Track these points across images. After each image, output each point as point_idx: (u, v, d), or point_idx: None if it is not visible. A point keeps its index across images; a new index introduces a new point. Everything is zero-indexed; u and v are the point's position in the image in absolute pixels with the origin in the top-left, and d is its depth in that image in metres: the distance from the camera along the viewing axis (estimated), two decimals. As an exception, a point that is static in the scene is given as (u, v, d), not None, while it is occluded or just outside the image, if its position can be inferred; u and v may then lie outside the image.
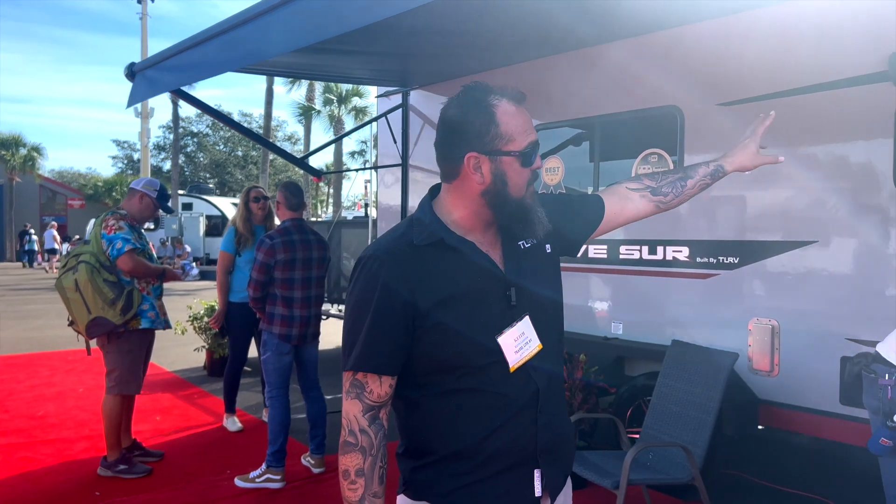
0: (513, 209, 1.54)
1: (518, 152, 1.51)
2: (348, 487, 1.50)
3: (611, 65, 4.87)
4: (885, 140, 3.62)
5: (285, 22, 3.67)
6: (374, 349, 1.50)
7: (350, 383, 1.51)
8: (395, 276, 1.48)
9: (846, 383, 3.06)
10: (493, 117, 1.49)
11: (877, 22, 3.63)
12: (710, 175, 1.98)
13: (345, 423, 1.52)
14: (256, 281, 4.30)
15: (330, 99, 29.06)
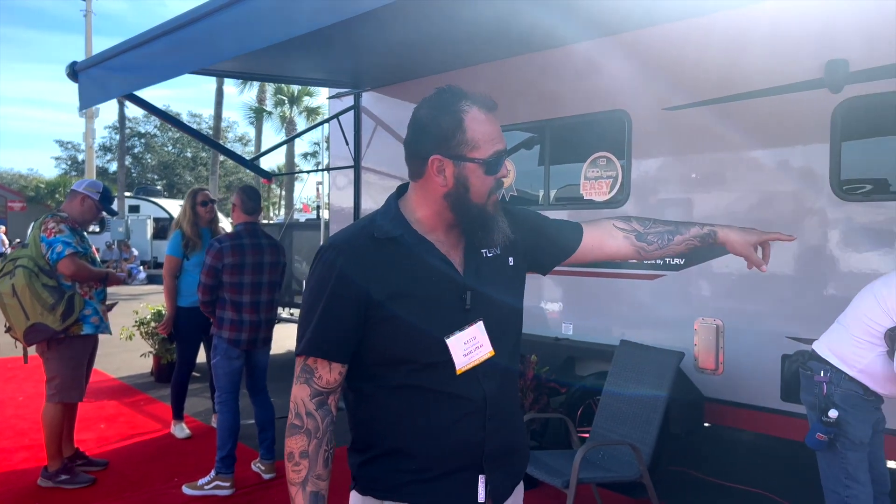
0: (473, 214, 1.57)
1: (482, 160, 1.53)
2: (292, 469, 1.51)
3: (561, 69, 4.93)
4: (822, 145, 3.75)
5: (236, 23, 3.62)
6: (325, 335, 1.53)
7: (300, 368, 1.54)
8: (351, 265, 1.52)
9: (786, 380, 3.16)
10: (461, 123, 1.52)
11: (814, 31, 3.77)
12: (701, 238, 1.89)
13: (292, 406, 1.53)
14: (205, 284, 4.25)
15: (281, 100, 28.72)
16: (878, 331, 2.81)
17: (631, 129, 4.56)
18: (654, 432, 3.58)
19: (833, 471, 2.88)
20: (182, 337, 5.36)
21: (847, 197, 3.70)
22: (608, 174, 4.72)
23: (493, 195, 1.58)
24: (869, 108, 3.61)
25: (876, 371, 2.82)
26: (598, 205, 4.76)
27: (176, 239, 5.24)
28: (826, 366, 2.92)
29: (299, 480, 1.50)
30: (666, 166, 4.45)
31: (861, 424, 2.84)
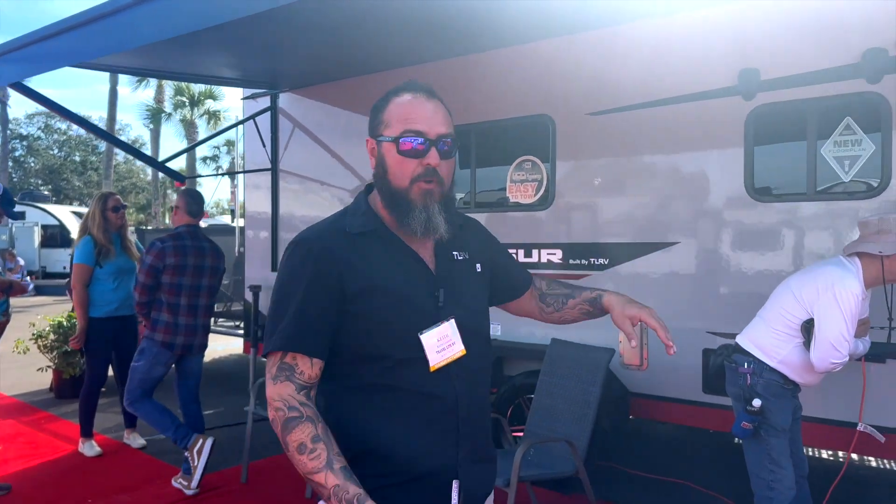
0: (392, 197, 1.54)
1: (391, 138, 1.52)
2: (309, 459, 1.39)
3: (487, 73, 4.99)
4: (737, 149, 3.97)
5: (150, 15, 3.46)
6: (305, 330, 1.48)
7: (277, 366, 1.47)
8: (325, 258, 1.50)
9: (711, 373, 3.32)
10: (386, 105, 1.57)
11: (729, 41, 3.98)
12: (590, 302, 1.86)
13: (278, 404, 1.45)
14: (143, 285, 4.17)
15: (182, 101, 27.63)
16: (795, 323, 2.99)
17: (555, 133, 4.67)
18: (589, 428, 3.67)
19: (758, 457, 3.04)
20: (93, 349, 5.06)
21: (760, 198, 3.93)
22: (533, 177, 4.81)
23: (417, 182, 1.52)
24: (779, 114, 3.86)
25: (794, 361, 3.00)
26: (523, 207, 4.85)
27: (86, 246, 4.93)
28: (749, 358, 3.08)
29: (323, 464, 1.39)
30: (590, 170, 4.58)
31: (782, 412, 3.01)
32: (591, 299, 1.86)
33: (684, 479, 4.56)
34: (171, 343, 4.20)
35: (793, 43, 3.77)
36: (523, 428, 4.37)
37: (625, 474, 4.69)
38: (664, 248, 4.25)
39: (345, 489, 1.36)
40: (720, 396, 3.99)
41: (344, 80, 5.93)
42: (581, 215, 4.60)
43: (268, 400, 1.48)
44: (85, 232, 4.98)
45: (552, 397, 3.96)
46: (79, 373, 6.76)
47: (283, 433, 1.43)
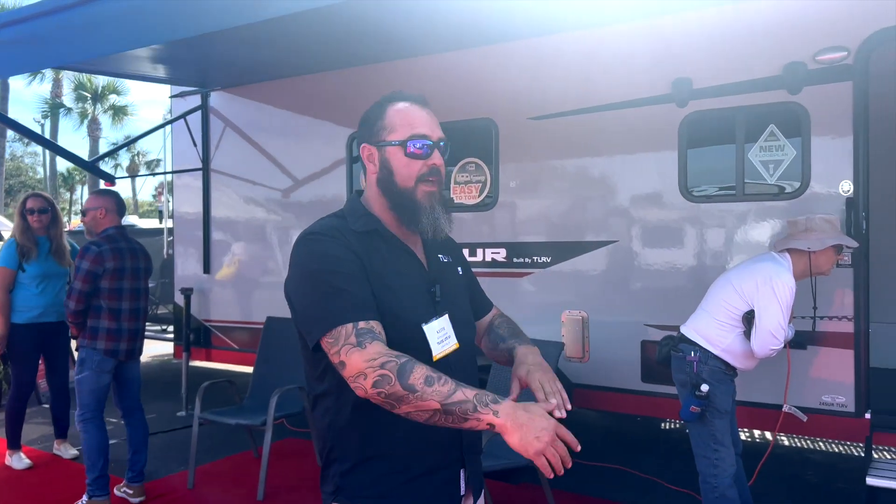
0: (399, 198, 1.63)
1: (398, 142, 1.63)
2: (441, 385, 1.38)
3: (430, 76, 5.10)
4: (671, 154, 4.25)
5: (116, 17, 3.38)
6: (362, 298, 1.50)
7: (355, 335, 1.44)
8: (349, 247, 1.57)
9: (657, 362, 3.55)
10: (383, 112, 1.67)
11: (663, 50, 4.26)
12: (509, 351, 1.86)
13: (384, 359, 1.41)
14: (80, 292, 3.93)
15: (83, 96, 26.20)
16: (736, 314, 3.26)
17: (498, 136, 4.83)
18: (542, 418, 3.83)
19: (703, 438, 3.29)
20: (18, 357, 4.84)
21: (693, 199, 4.22)
22: (477, 179, 4.96)
23: (423, 182, 1.63)
24: (710, 120, 4.16)
25: (736, 349, 3.27)
26: (468, 208, 4.99)
27: (9, 248, 4.73)
28: (695, 347, 3.33)
29: (453, 384, 1.40)
30: (532, 172, 4.77)
31: (724, 395, 3.27)
32: (510, 348, 1.85)
33: (622, 465, 4.82)
34: (114, 350, 4.02)
35: (722, 55, 4.07)
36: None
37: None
38: (603, 246, 4.49)
39: (484, 394, 1.40)
40: (657, 385, 4.28)
41: (278, 79, 5.89)
42: (524, 215, 4.78)
43: (361, 368, 1.42)
44: (12, 234, 4.78)
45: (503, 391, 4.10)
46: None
47: (402, 380, 1.39)
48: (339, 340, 1.45)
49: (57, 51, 3.74)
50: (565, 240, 4.63)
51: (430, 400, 1.38)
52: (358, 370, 1.42)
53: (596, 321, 4.52)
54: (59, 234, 4.91)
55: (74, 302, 3.94)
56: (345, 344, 1.45)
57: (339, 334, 1.46)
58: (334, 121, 5.62)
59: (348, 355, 1.43)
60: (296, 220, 5.87)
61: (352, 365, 1.43)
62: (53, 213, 4.89)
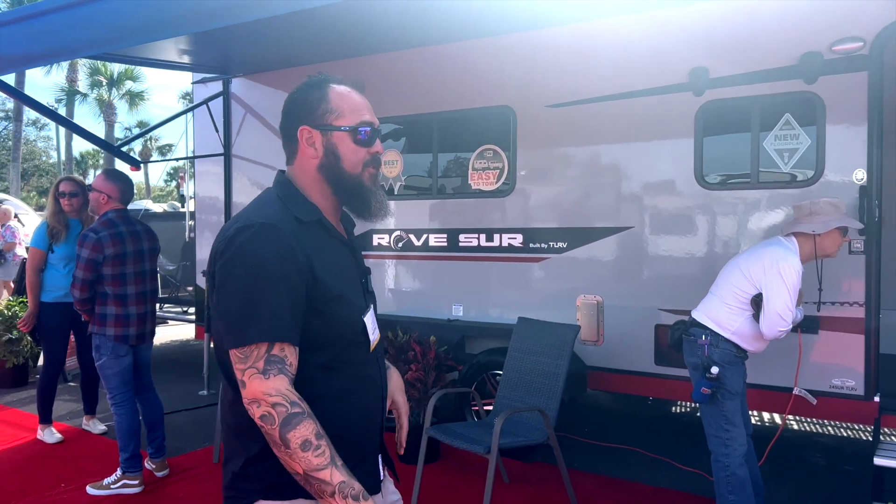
0: (348, 185, 1.60)
1: (348, 127, 1.58)
2: (314, 455, 1.37)
3: (451, 64, 5.19)
4: (687, 142, 4.33)
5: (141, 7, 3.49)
6: (291, 318, 1.43)
7: (265, 360, 1.39)
8: (295, 243, 1.47)
9: (670, 346, 3.65)
10: (326, 95, 1.60)
11: (681, 40, 4.33)
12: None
13: (277, 399, 1.38)
14: (83, 280, 3.96)
15: (99, 81, 26.37)
16: (745, 298, 3.35)
17: (516, 123, 4.92)
18: (557, 399, 3.96)
19: (714, 419, 3.40)
20: (48, 335, 4.99)
21: (708, 186, 4.31)
22: (495, 165, 5.06)
23: (368, 168, 1.61)
24: (726, 109, 4.23)
25: (746, 331, 3.37)
26: (485, 194, 5.09)
27: (41, 230, 4.89)
28: (706, 330, 3.43)
29: (328, 461, 1.38)
30: (549, 159, 4.86)
31: (735, 377, 3.38)
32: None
33: (634, 446, 4.94)
34: (124, 335, 4.06)
35: (739, 45, 4.14)
36: (491, 401, 4.64)
37: (579, 443, 5.03)
38: (619, 232, 4.58)
39: (350, 485, 1.38)
40: (670, 367, 4.39)
41: (299, 66, 5.99)
42: (541, 201, 4.88)
43: (257, 396, 1.38)
44: (44, 217, 4.93)
45: (520, 372, 4.23)
46: (22, 361, 6.60)
47: (283, 430, 1.36)
48: (247, 359, 1.41)
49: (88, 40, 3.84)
50: (581, 226, 4.72)
51: (297, 462, 1.37)
52: (253, 397, 1.39)
53: (610, 305, 4.62)
54: (88, 217, 5.05)
55: (79, 290, 3.99)
56: (251, 367, 1.40)
57: (251, 354, 1.41)
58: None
59: (250, 379, 1.40)
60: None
61: (250, 390, 1.40)
62: (84, 197, 5.02)
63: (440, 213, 5.29)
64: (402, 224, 5.48)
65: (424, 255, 5.34)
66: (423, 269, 5.39)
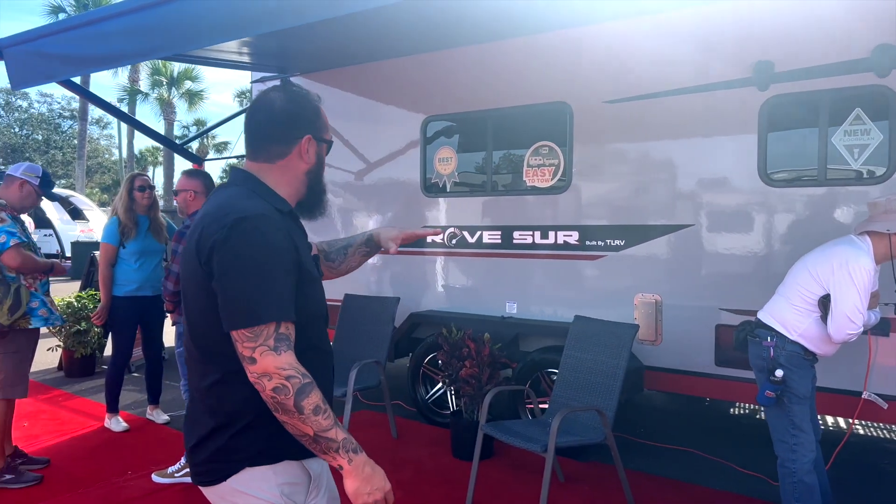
0: (320, 188, 1.86)
1: (327, 140, 1.85)
2: (323, 418, 1.55)
3: (506, 61, 5.17)
4: (750, 138, 4.22)
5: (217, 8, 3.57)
6: (287, 298, 1.60)
7: (275, 338, 1.55)
8: (284, 231, 1.65)
9: (734, 347, 3.56)
10: (320, 110, 1.84)
11: (745, 33, 4.22)
12: (365, 241, 2.20)
13: (291, 372, 1.53)
14: (178, 274, 4.14)
15: (160, 81, 27.15)
16: (813, 299, 3.25)
17: (573, 119, 4.87)
18: (616, 399, 3.91)
19: (781, 423, 3.30)
20: (118, 327, 5.16)
21: (773, 183, 4.19)
22: (550, 162, 5.02)
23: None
24: (792, 104, 4.11)
25: (813, 334, 3.27)
26: (540, 191, 5.06)
27: (112, 226, 5.04)
28: (771, 332, 3.34)
29: (332, 422, 1.57)
30: (606, 155, 4.80)
31: (803, 381, 3.28)
32: (365, 240, 2.20)
33: (691, 447, 4.85)
34: None
35: (806, 37, 4.02)
36: (545, 399, 4.62)
37: (634, 443, 4.96)
38: (679, 230, 4.50)
39: (350, 440, 1.59)
40: (732, 369, 4.29)
41: (355, 65, 6.05)
42: (597, 198, 4.82)
43: (269, 370, 1.52)
44: (114, 212, 5.08)
45: (577, 371, 4.20)
46: (90, 352, 6.84)
47: (297, 398, 1.52)
48: (258, 338, 1.54)
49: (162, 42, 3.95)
50: (640, 223, 4.65)
51: (308, 426, 1.54)
52: (265, 371, 1.53)
53: (669, 304, 4.54)
54: (157, 213, 5.21)
55: (173, 283, 4.18)
56: (262, 344, 1.54)
57: (260, 333, 1.54)
58: (409, 105, 5.75)
59: (262, 356, 1.53)
60: (368, 203, 6.05)
61: (263, 365, 1.53)
62: (154, 194, 5.19)
63: (494, 210, 5.28)
64: (455, 221, 5.48)
65: (478, 251, 5.34)
66: (477, 266, 5.39)
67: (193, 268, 1.65)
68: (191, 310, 1.69)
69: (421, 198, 5.68)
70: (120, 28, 4.02)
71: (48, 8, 25.22)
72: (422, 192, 5.67)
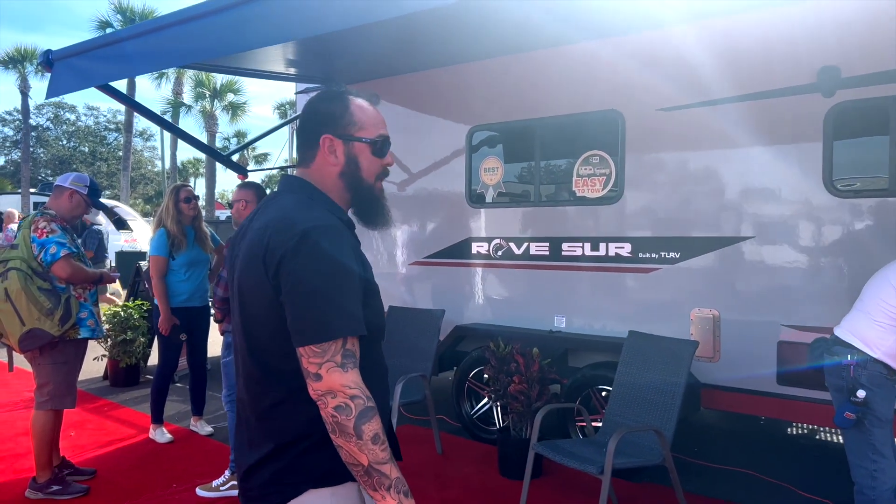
0: (366, 193, 1.72)
1: (369, 140, 1.69)
2: (381, 449, 1.46)
3: (554, 69, 5.05)
4: (815, 146, 4.03)
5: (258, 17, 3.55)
6: (358, 313, 1.52)
7: (342, 354, 1.47)
8: (350, 243, 1.58)
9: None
10: (348, 107, 1.69)
11: (808, 38, 4.04)
12: None
13: (356, 392, 1.46)
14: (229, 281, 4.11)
15: (202, 93, 27.62)
16: None
17: (625, 128, 4.73)
18: (675, 418, 3.75)
19: (860, 447, 3.11)
20: (166, 338, 5.15)
21: (839, 193, 4.00)
22: (601, 172, 4.88)
23: (379, 179, 1.74)
24: (860, 111, 3.92)
25: None
26: (591, 201, 4.92)
27: (161, 238, 5.04)
28: (852, 350, 3.14)
29: (389, 456, 1.48)
30: (660, 164, 4.64)
31: (886, 402, 3.08)
32: None
33: (749, 469, 4.64)
34: None
35: (875, 42, 3.82)
36: (596, 417, 4.47)
37: (690, 464, 4.77)
38: (738, 242, 4.32)
39: (402, 482, 1.48)
40: (795, 388, 4.09)
41: (402, 75, 5.99)
42: (651, 209, 4.67)
43: (334, 388, 1.45)
44: (160, 224, 5.09)
45: (632, 388, 4.04)
46: (134, 362, 6.88)
47: (358, 421, 1.44)
48: (325, 353, 1.46)
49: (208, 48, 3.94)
50: (696, 235, 4.48)
51: (364, 454, 1.45)
52: (330, 389, 1.45)
53: (728, 320, 4.36)
54: (201, 223, 5.22)
55: (223, 289, 4.16)
56: (329, 360, 1.46)
57: (329, 349, 1.47)
58: (453, 116, 5.67)
59: (329, 372, 1.46)
60: (412, 213, 5.97)
61: (328, 382, 1.45)
62: (198, 205, 5.20)
63: (542, 221, 5.16)
64: (502, 232, 5.37)
65: (525, 263, 5.22)
66: (524, 278, 5.27)
67: (257, 281, 1.56)
68: (252, 324, 1.59)
69: (466, 208, 5.58)
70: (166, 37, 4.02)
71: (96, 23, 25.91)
72: (467, 202, 5.57)
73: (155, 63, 4.27)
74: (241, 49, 4.26)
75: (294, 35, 3.91)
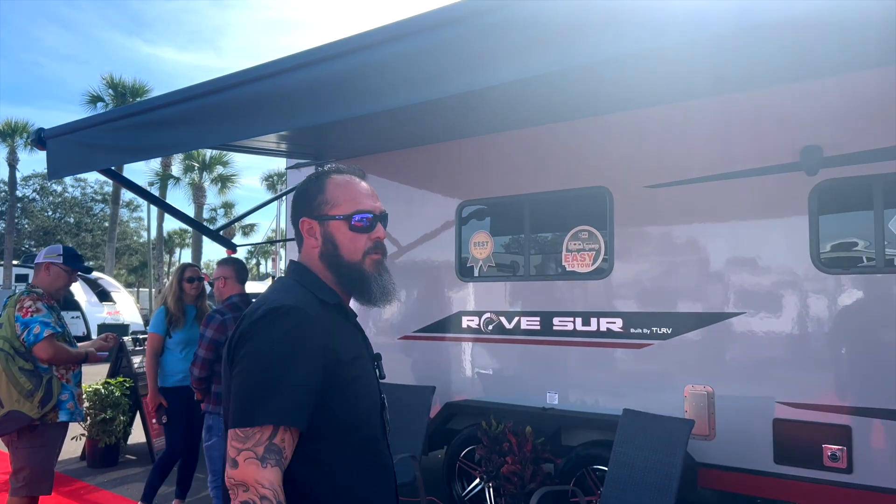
0: (347, 272, 1.65)
1: (342, 216, 1.65)
2: None
3: (543, 146, 5.14)
4: (801, 221, 4.09)
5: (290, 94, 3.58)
6: (303, 403, 1.43)
7: (266, 447, 1.39)
8: (318, 326, 1.51)
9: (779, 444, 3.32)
10: (323, 186, 1.68)
11: (791, 118, 4.15)
12: None
13: (267, 493, 1.38)
14: (203, 359, 4.07)
15: (191, 166, 27.88)
16: None
17: (613, 204, 4.79)
18: (672, 500, 3.66)
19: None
20: (174, 419, 5.01)
21: (827, 270, 4.03)
22: (590, 246, 4.91)
23: (370, 255, 1.67)
24: (845, 189, 3.99)
25: None
26: (581, 276, 4.92)
27: (159, 315, 5.01)
28: None
29: None
30: (649, 240, 4.67)
31: None
32: None
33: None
34: None
35: (854, 122, 3.94)
36: (592, 499, 4.35)
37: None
38: (730, 318, 4.32)
39: None
40: (792, 467, 4.02)
41: (392, 151, 6.07)
42: (641, 284, 4.67)
43: (248, 482, 1.39)
44: (163, 301, 5.06)
45: (628, 468, 3.95)
46: (114, 441, 6.67)
47: None
48: (247, 441, 1.41)
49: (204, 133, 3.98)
50: (688, 310, 4.48)
51: None
52: (244, 481, 1.39)
53: (722, 396, 4.31)
54: (203, 302, 5.18)
55: (199, 369, 4.09)
56: (249, 449, 1.40)
57: (251, 436, 1.40)
58: (444, 190, 5.72)
59: (246, 462, 1.39)
60: (400, 287, 5.94)
61: (243, 473, 1.39)
62: (202, 285, 5.16)
63: (532, 295, 5.14)
64: (492, 306, 5.35)
65: (516, 338, 5.18)
66: (515, 353, 5.21)
67: (225, 360, 1.56)
68: (227, 409, 1.56)
69: (456, 282, 5.57)
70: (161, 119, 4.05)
71: (87, 97, 26.23)
72: (457, 276, 5.57)
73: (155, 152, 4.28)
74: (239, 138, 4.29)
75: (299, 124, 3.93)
